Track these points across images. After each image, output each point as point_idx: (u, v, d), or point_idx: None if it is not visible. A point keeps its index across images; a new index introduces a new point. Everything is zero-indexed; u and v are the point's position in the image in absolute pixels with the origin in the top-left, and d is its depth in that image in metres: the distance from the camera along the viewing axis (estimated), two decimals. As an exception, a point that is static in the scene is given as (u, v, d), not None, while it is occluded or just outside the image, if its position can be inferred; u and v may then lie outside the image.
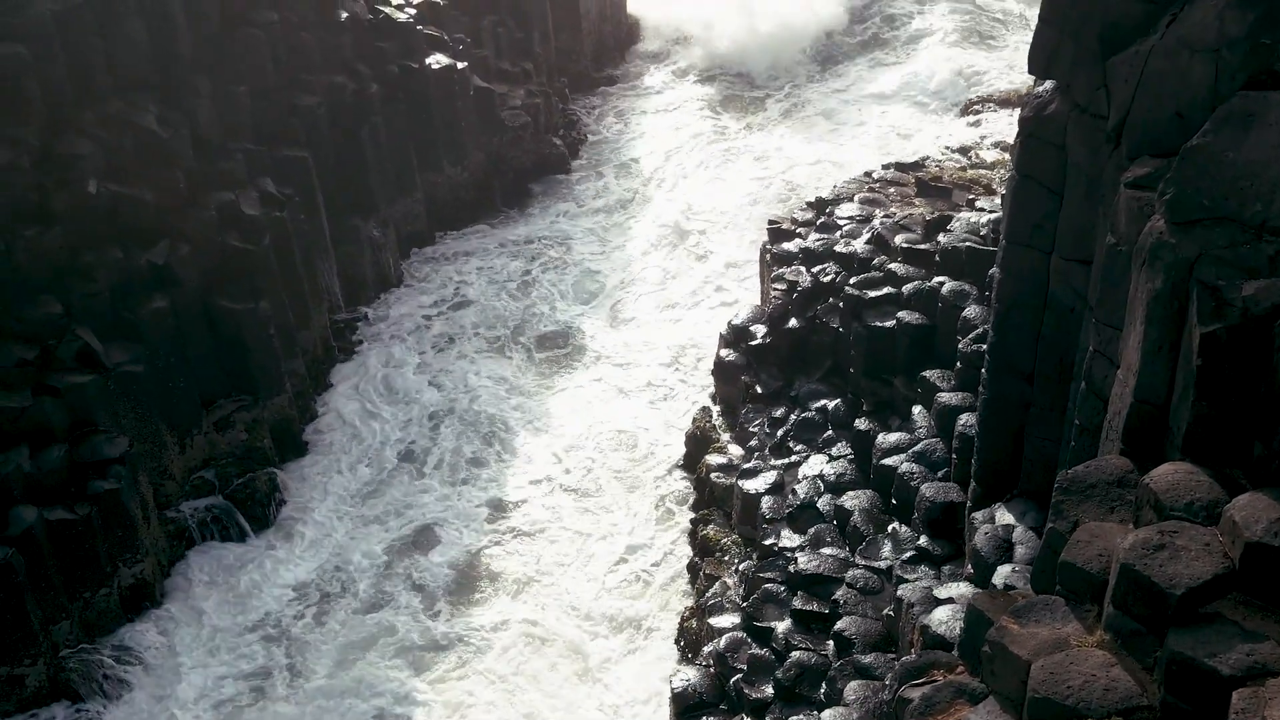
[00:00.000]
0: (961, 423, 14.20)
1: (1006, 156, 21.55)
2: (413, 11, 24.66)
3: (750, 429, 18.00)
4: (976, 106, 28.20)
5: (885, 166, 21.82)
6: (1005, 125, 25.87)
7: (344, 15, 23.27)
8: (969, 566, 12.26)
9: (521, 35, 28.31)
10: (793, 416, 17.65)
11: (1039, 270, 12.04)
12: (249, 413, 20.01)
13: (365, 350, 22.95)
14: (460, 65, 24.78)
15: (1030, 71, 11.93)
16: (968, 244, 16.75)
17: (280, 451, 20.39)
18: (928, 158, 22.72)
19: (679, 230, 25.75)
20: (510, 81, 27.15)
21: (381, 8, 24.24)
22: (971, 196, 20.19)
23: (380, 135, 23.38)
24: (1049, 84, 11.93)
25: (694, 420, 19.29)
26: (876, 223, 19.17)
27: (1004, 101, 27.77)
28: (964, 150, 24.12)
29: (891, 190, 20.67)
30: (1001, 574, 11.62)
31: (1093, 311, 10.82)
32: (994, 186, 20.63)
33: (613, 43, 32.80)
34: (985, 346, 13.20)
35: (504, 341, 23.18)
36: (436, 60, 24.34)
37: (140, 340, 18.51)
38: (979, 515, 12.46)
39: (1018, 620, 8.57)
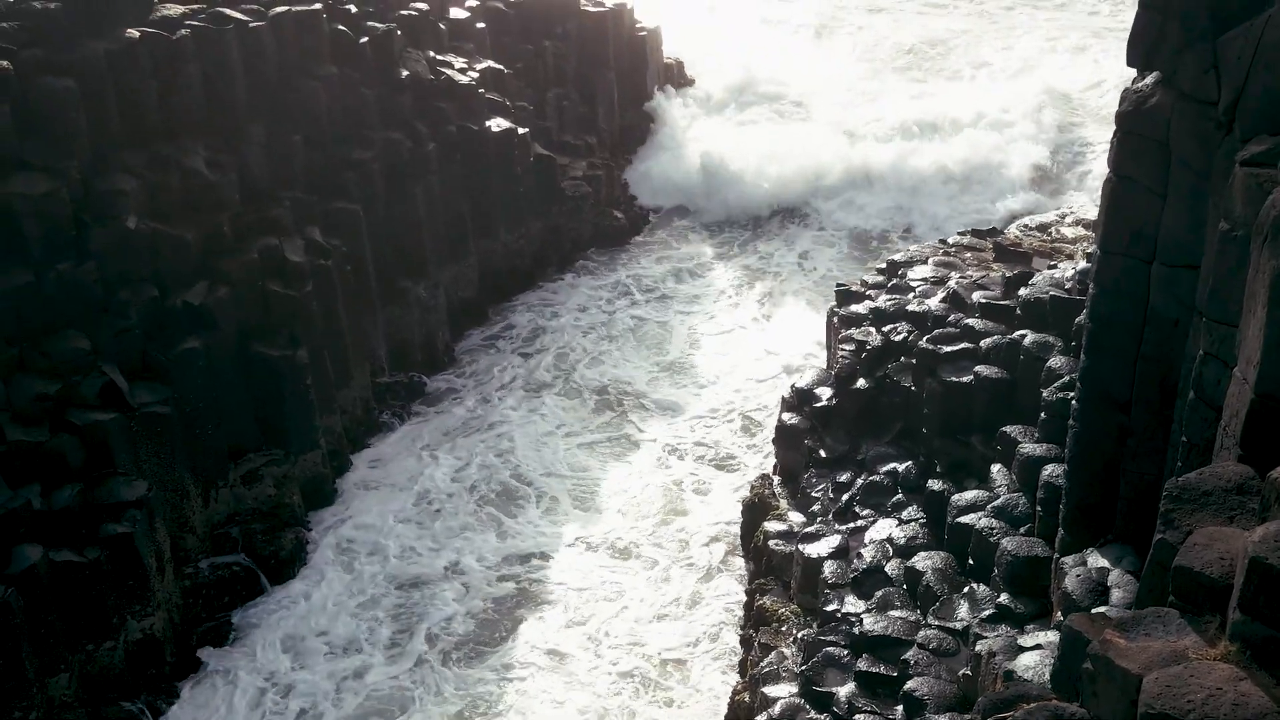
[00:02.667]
0: (1047, 473, 12.69)
1: (1088, 232, 20.35)
2: (476, 75, 24.21)
3: (813, 494, 16.51)
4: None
5: (961, 233, 20.60)
6: (1086, 201, 24.74)
7: (405, 74, 22.84)
8: (1058, 614, 10.63)
9: (586, 109, 27.83)
10: (859, 481, 16.16)
11: (1138, 281, 10.69)
12: (279, 468, 18.97)
13: (411, 416, 21.91)
14: (521, 130, 24.18)
15: (1129, 64, 10.78)
16: (1051, 294, 15.39)
17: (308, 506, 19.26)
18: (1004, 232, 21.47)
19: (743, 295, 24.63)
20: (572, 153, 26.53)
21: (444, 70, 23.81)
22: (1053, 263, 18.86)
23: (435, 195, 22.72)
24: (1149, 79, 10.78)
25: (752, 487, 17.85)
26: (952, 282, 17.88)
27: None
28: (1043, 227, 22.83)
29: (968, 255, 19.41)
30: (1097, 623, 9.99)
31: (1201, 315, 9.46)
32: (1076, 255, 19.31)
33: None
34: (1075, 380, 11.80)
35: (555, 399, 22.22)
36: (497, 124, 23.76)
37: (169, 382, 17.64)
38: (1069, 560, 10.89)
39: (1125, 634, 7.05)
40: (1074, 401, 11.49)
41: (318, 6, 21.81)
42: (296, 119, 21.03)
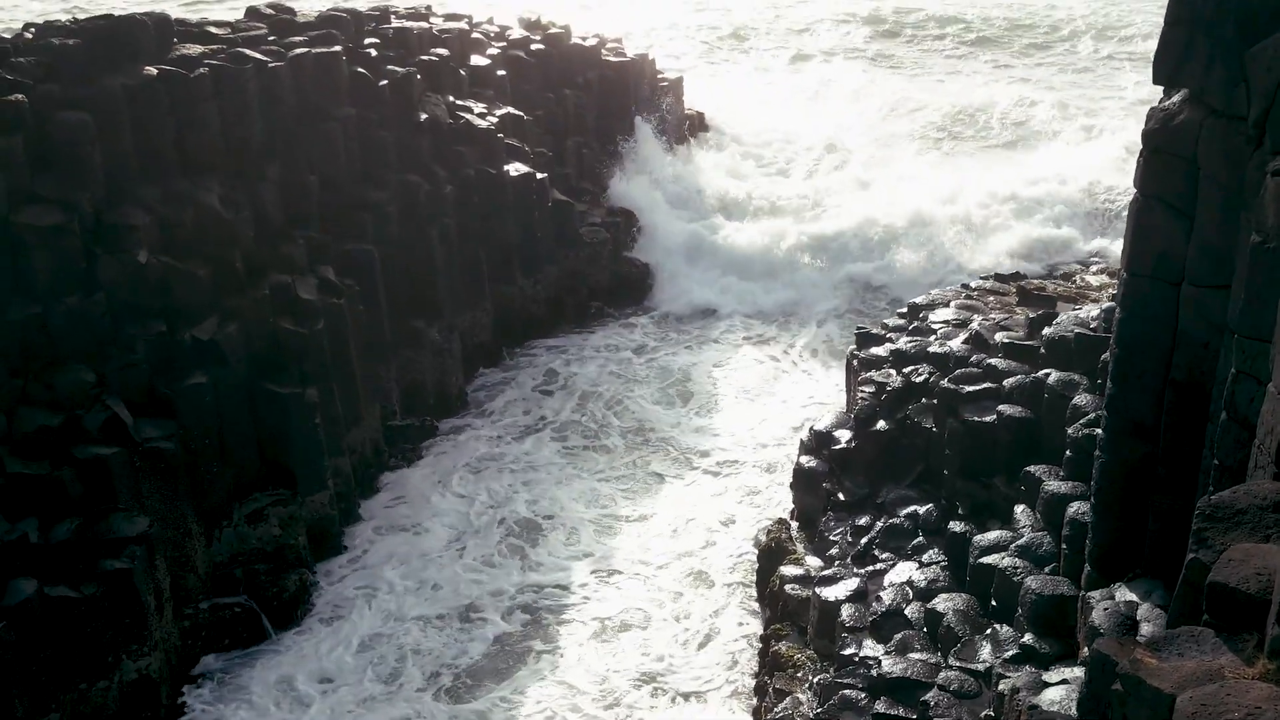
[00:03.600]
0: (1073, 510, 12.17)
1: (1114, 280, 19.91)
2: (495, 120, 24.12)
3: (830, 537, 15.99)
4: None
5: (984, 277, 20.19)
6: (1111, 245, 24.47)
7: (424, 117, 22.76)
8: (1085, 650, 10.07)
9: (607, 160, 27.69)
10: (878, 524, 15.64)
11: (1166, 304, 10.27)
12: (285, 508, 18.53)
13: (423, 458, 21.53)
14: (540, 175, 24.03)
15: (1156, 81, 10.46)
16: (1076, 332, 14.94)
17: (316, 551, 18.80)
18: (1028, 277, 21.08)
19: (765, 337, 24.29)
20: (590, 200, 26.35)
21: (463, 114, 23.74)
22: (1077, 307, 18.41)
23: (451, 238, 22.53)
24: (1176, 97, 10.45)
25: (768, 532, 17.33)
26: (975, 324, 17.46)
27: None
28: (1068, 275, 22.44)
29: (990, 299, 19.00)
30: (1126, 660, 9.42)
31: (1233, 333, 9.04)
32: (1102, 299, 18.87)
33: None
34: (1101, 415, 11.33)
35: (575, 438, 21.97)
36: (516, 168, 23.61)
37: (175, 417, 17.35)
38: (1095, 594, 10.35)
39: (1156, 654, 6.57)
40: (1100, 432, 11.02)
41: (338, 49, 21.82)
42: (313, 159, 20.94)
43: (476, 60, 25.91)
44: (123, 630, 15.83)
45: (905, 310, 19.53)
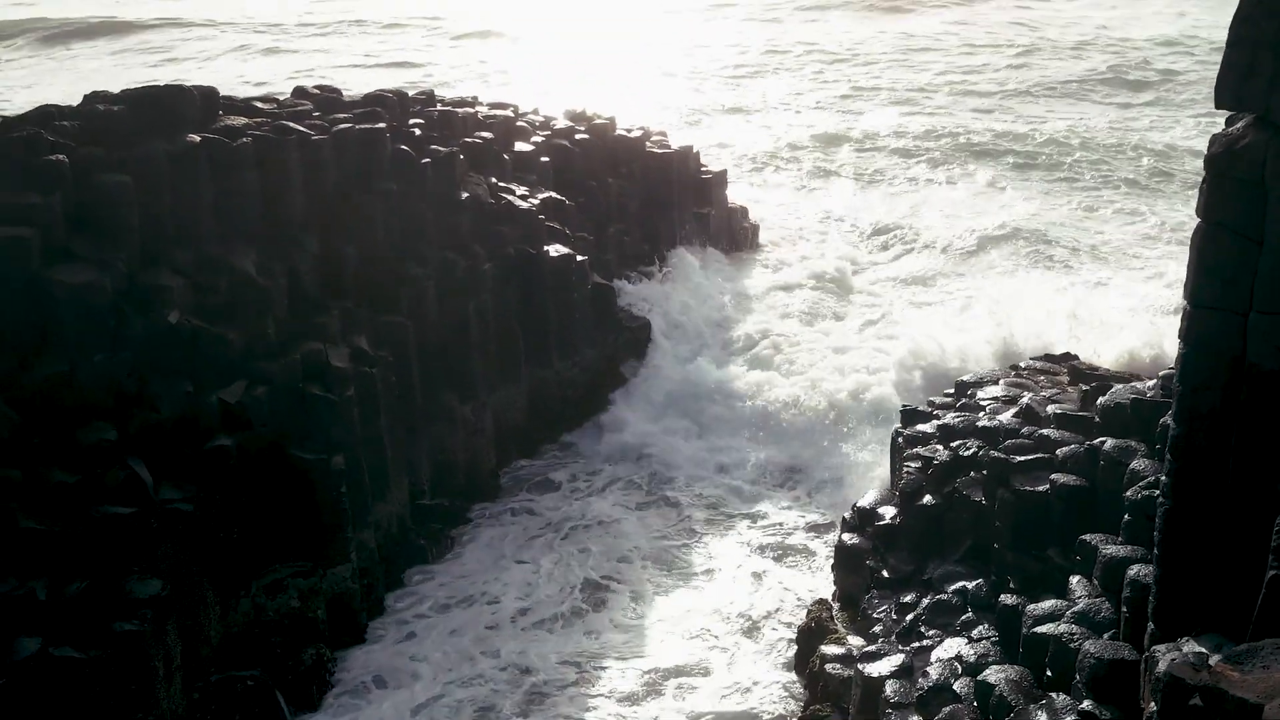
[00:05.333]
0: (1133, 572, 11.32)
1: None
2: (536, 203, 23.99)
3: (874, 615, 15.11)
4: None
5: (1034, 358, 19.47)
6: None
7: (465, 195, 22.66)
8: (1151, 706, 9.15)
9: (648, 247, 27.45)
10: (924, 601, 14.75)
11: (1232, 336, 9.61)
12: (306, 580, 17.89)
13: (451, 546, 20.87)
14: (580, 258, 23.77)
15: (1218, 105, 9.97)
16: (1133, 398, 14.22)
17: (335, 631, 18.06)
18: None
19: (812, 412, 23.59)
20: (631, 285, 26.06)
21: (505, 195, 23.64)
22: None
23: (488, 315, 22.19)
24: (1241, 123, 9.94)
25: (808, 612, 16.45)
26: (1025, 399, 16.75)
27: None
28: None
29: (1041, 378, 18.27)
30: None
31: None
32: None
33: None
34: (1161, 477, 10.57)
35: (626, 511, 21.50)
36: (555, 249, 23.38)
37: (196, 480, 16.89)
38: (1161, 648, 9.48)
39: (1237, 667, 5.81)
40: (1163, 477, 10.26)
41: (381, 126, 21.88)
42: (352, 231, 20.82)
43: (520, 146, 25.93)
44: (129, 697, 15.10)
45: (952, 389, 18.82)
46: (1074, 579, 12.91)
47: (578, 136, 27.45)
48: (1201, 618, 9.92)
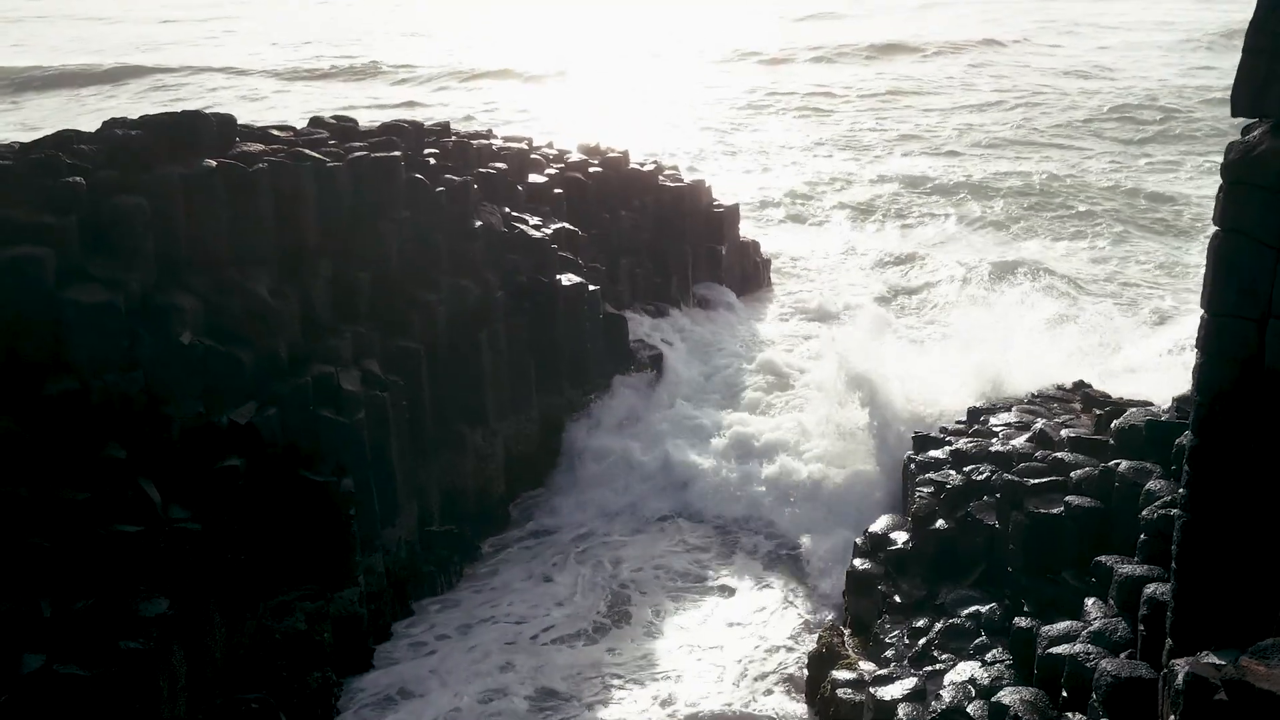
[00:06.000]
0: (1150, 590, 11.17)
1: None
2: (549, 232, 24.05)
3: (886, 640, 14.92)
4: None
5: (1048, 387, 19.33)
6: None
7: (478, 224, 22.72)
8: (1171, 717, 8.98)
9: (660, 280, 27.48)
10: (937, 625, 14.57)
11: (1250, 345, 9.53)
12: (313, 603, 17.77)
13: (462, 573, 20.73)
14: (592, 287, 23.78)
15: (1234, 113, 9.97)
16: (1148, 420, 14.11)
17: (341, 655, 17.90)
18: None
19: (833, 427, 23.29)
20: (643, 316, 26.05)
21: (518, 225, 23.71)
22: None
23: (500, 343, 22.17)
24: (1258, 130, 9.93)
25: (819, 638, 16.26)
26: (1039, 424, 16.64)
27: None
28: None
29: (1054, 405, 18.16)
30: None
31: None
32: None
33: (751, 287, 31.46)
34: (1177, 497, 10.45)
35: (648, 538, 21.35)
36: (568, 278, 23.39)
37: (206, 500, 16.83)
38: (1179, 662, 9.30)
39: (1263, 661, 5.71)
40: (1181, 489, 10.14)
41: (396, 154, 21.98)
42: (366, 257, 20.85)
43: (534, 178, 26.05)
44: (132, 716, 14.95)
45: (964, 417, 18.72)
46: (1089, 600, 12.75)
47: (591, 169, 27.59)
48: (1220, 632, 9.74)
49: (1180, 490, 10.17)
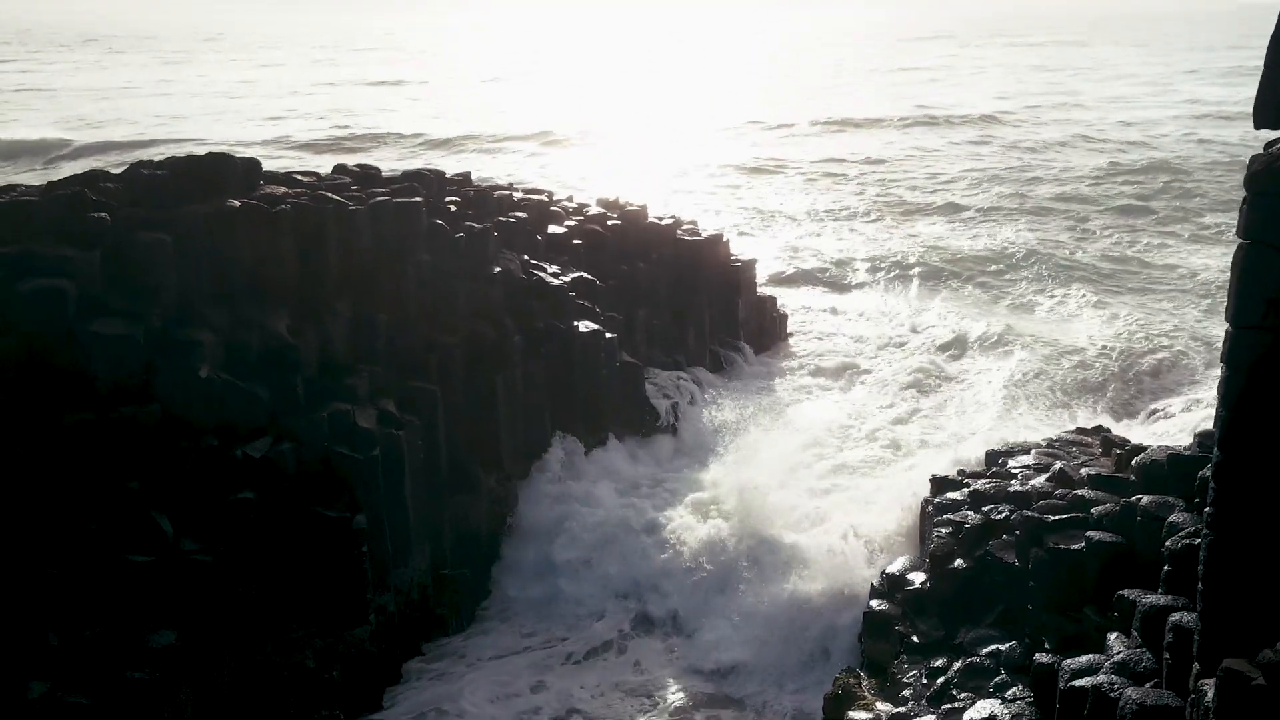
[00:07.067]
0: (1175, 619, 10.95)
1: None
2: (567, 280, 24.14)
3: (903, 680, 14.64)
4: None
5: (1067, 431, 19.20)
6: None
7: (497, 270, 22.83)
8: (1200, 731, 8.76)
9: (677, 332, 27.49)
10: (956, 664, 14.31)
11: (1275, 356, 9.42)
12: (322, 640, 17.59)
13: (474, 616, 20.50)
14: (609, 335, 23.79)
15: (1257, 125, 9.96)
16: (1170, 454, 13.96)
17: (350, 695, 17.67)
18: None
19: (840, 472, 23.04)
20: (659, 367, 26.00)
21: (537, 272, 23.81)
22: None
23: (516, 388, 22.15)
24: (1280, 145, 9.94)
25: (835, 679, 15.96)
26: (1058, 465, 16.48)
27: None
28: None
29: (1073, 449, 18.00)
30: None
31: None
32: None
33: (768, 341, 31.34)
34: (1201, 527, 10.30)
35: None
36: (585, 325, 23.42)
37: (218, 532, 16.75)
38: (1207, 681, 9.10)
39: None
40: (1207, 507, 9.97)
41: (418, 200, 22.16)
42: (385, 299, 20.92)
43: (553, 228, 26.22)
44: (138, 749, 14.79)
45: (983, 458, 18.56)
46: (1111, 635, 12.49)
47: (610, 222, 27.75)
48: (1249, 654, 9.53)
49: (1206, 509, 10.00)
